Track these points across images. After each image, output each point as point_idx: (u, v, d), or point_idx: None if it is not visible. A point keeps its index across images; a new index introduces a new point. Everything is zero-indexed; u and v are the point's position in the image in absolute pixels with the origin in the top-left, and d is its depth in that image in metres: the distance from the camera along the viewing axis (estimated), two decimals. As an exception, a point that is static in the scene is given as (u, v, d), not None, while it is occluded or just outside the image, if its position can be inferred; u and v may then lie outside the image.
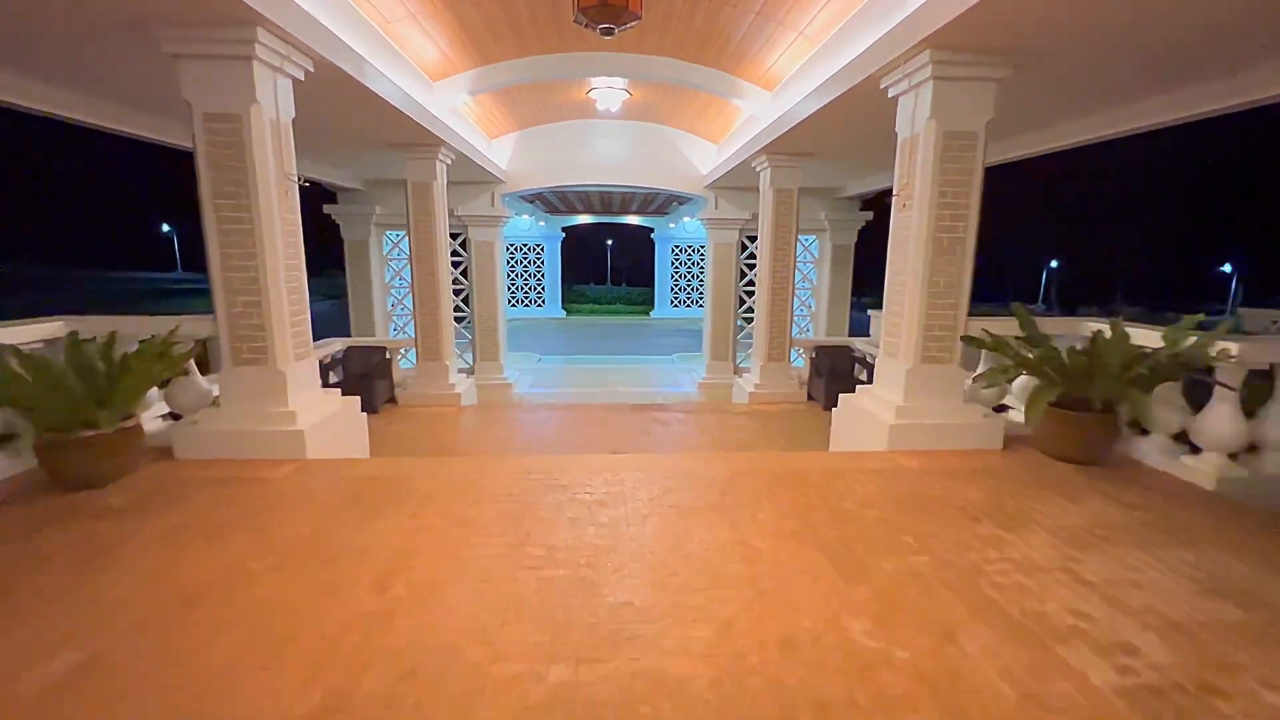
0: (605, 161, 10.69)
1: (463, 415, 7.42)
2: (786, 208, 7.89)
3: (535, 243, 23.80)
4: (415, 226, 7.65)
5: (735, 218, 10.99)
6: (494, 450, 6.02)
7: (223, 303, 4.06)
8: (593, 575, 2.61)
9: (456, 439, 6.48)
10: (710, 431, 6.63)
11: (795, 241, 7.94)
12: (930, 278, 4.30)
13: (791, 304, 8.06)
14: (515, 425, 7.04)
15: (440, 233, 7.75)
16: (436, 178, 7.55)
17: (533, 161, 10.68)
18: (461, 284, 11.09)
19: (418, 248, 7.70)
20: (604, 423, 6.96)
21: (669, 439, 6.33)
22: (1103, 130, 5.55)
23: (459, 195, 10.60)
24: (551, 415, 7.49)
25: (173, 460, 3.99)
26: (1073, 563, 2.73)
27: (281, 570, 2.63)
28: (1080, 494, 3.53)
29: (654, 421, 6.91)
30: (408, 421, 6.92)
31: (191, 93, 3.80)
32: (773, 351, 8.03)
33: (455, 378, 8.07)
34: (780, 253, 8.00)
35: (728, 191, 10.91)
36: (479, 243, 10.86)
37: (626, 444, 6.06)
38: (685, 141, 10.76)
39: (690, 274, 24.72)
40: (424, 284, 7.82)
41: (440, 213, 7.70)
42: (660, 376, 12.55)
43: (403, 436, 6.37)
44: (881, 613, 2.34)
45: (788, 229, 7.93)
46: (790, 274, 8.03)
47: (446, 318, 7.98)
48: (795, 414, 7.34)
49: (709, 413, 7.56)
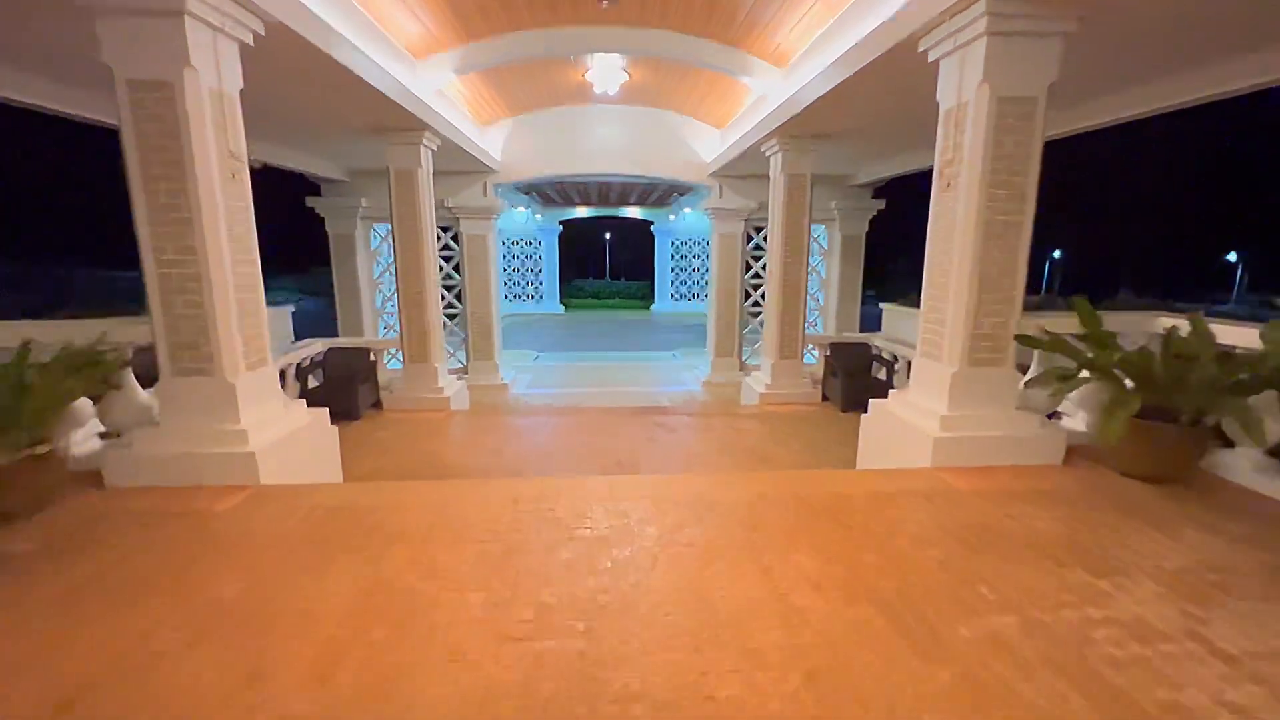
0: (603, 149, 10.09)
1: (451, 421, 6.86)
2: (799, 194, 7.30)
3: (532, 237, 23.21)
4: (399, 218, 7.07)
5: (741, 207, 10.39)
6: (482, 463, 5.46)
7: (158, 304, 3.47)
8: (593, 649, 2.05)
9: (443, 450, 5.91)
10: (720, 437, 6.08)
11: (809, 231, 7.37)
12: (980, 268, 3.73)
13: (805, 298, 7.50)
14: (507, 433, 6.47)
15: (426, 224, 7.17)
16: (421, 165, 6.96)
17: (527, 150, 10.08)
18: (453, 280, 10.52)
19: (402, 241, 7.13)
20: (603, 429, 6.40)
21: (676, 448, 5.77)
22: (1173, 99, 4.91)
23: (449, 186, 10.01)
24: (547, 421, 6.92)
25: (102, 489, 3.42)
26: (1197, 624, 2.17)
27: (196, 647, 2.07)
28: (1172, 523, 2.97)
29: (658, 427, 6.36)
30: (392, 428, 6.36)
31: (111, 55, 3.21)
32: (785, 349, 7.46)
33: (444, 380, 7.49)
34: (793, 243, 7.43)
35: (733, 180, 10.32)
36: (471, 236, 10.26)
37: (629, 454, 5.50)
38: (688, 128, 10.15)
39: (691, 268, 24.15)
40: (409, 280, 7.25)
41: (425, 203, 7.11)
42: (662, 374, 11.99)
43: (385, 445, 5.80)
44: (974, 707, 1.78)
45: (800, 217, 7.35)
46: (803, 266, 7.46)
47: (434, 316, 7.41)
48: (810, 417, 6.79)
49: (717, 416, 7.01)
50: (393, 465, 5.32)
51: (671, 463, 5.40)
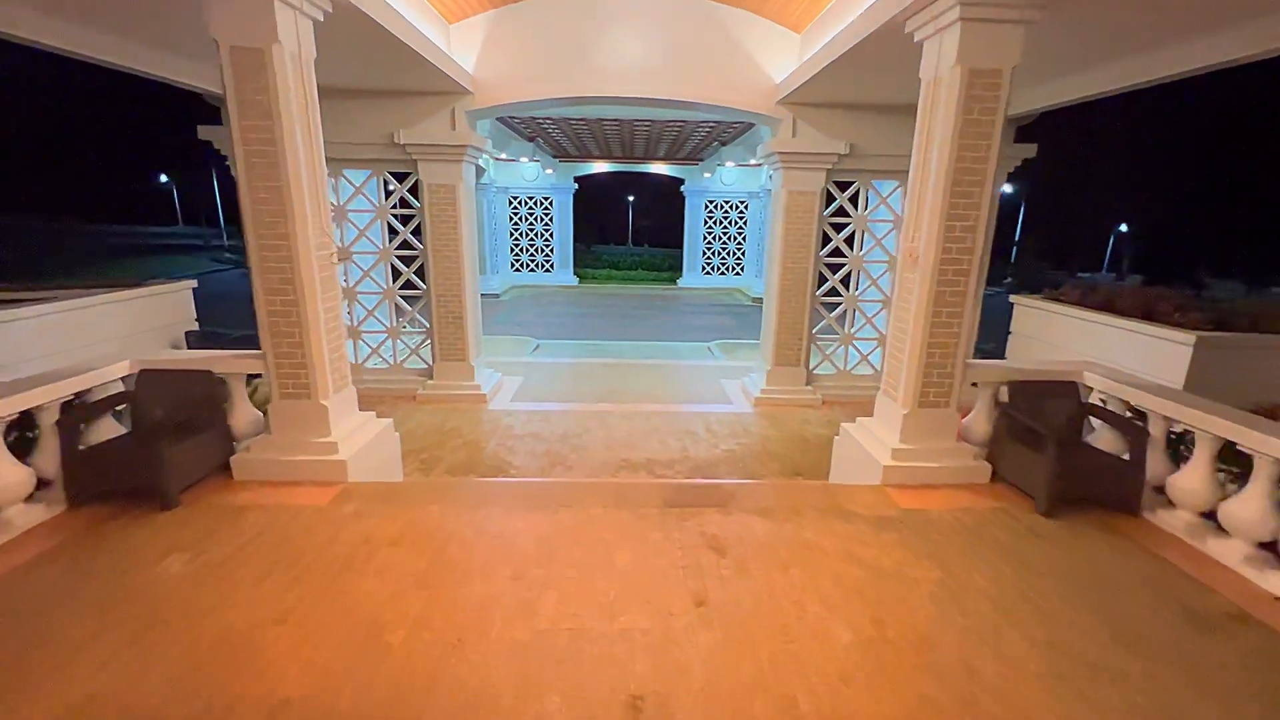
0: (626, 62, 6.91)
1: (336, 519, 3.70)
2: (986, 103, 3.77)
3: (542, 195, 20.01)
4: (241, 131, 3.72)
5: (824, 151, 7.16)
6: (350, 689, 2.52)
7: None
8: None
9: (271, 646, 2.84)
10: (832, 589, 2.97)
11: (995, 176, 4.03)
12: None
13: (979, 293, 4.28)
14: (411, 568, 3.25)
15: (290, 137, 3.78)
16: (279, 36, 3.73)
17: (513, 61, 6.93)
18: (414, 249, 7.54)
19: (248, 171, 3.78)
20: (601, 547, 3.31)
21: (741, 621, 2.75)
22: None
23: (397, 112, 6.95)
24: (499, 524, 3.64)
25: None
26: None
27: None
28: None
29: (705, 545, 3.35)
30: (205, 550, 3.32)
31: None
32: (932, 390, 4.32)
33: (344, 425, 4.28)
34: (962, 197, 3.93)
35: (815, 111, 7.07)
36: (434, 186, 7.23)
37: (656, 659, 2.54)
38: (750, 31, 6.89)
39: (727, 235, 20.74)
40: (264, 237, 3.86)
41: (286, 96, 3.84)
42: (696, 381, 8.98)
43: (154, 621, 2.83)
44: None
45: (985, 148, 3.85)
46: (981, 240, 4.05)
47: (322, 306, 4.08)
48: (987, 527, 3.62)
49: (816, 514, 3.76)
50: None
51: (740, 673, 2.43)
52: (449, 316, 7.60)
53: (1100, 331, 6.29)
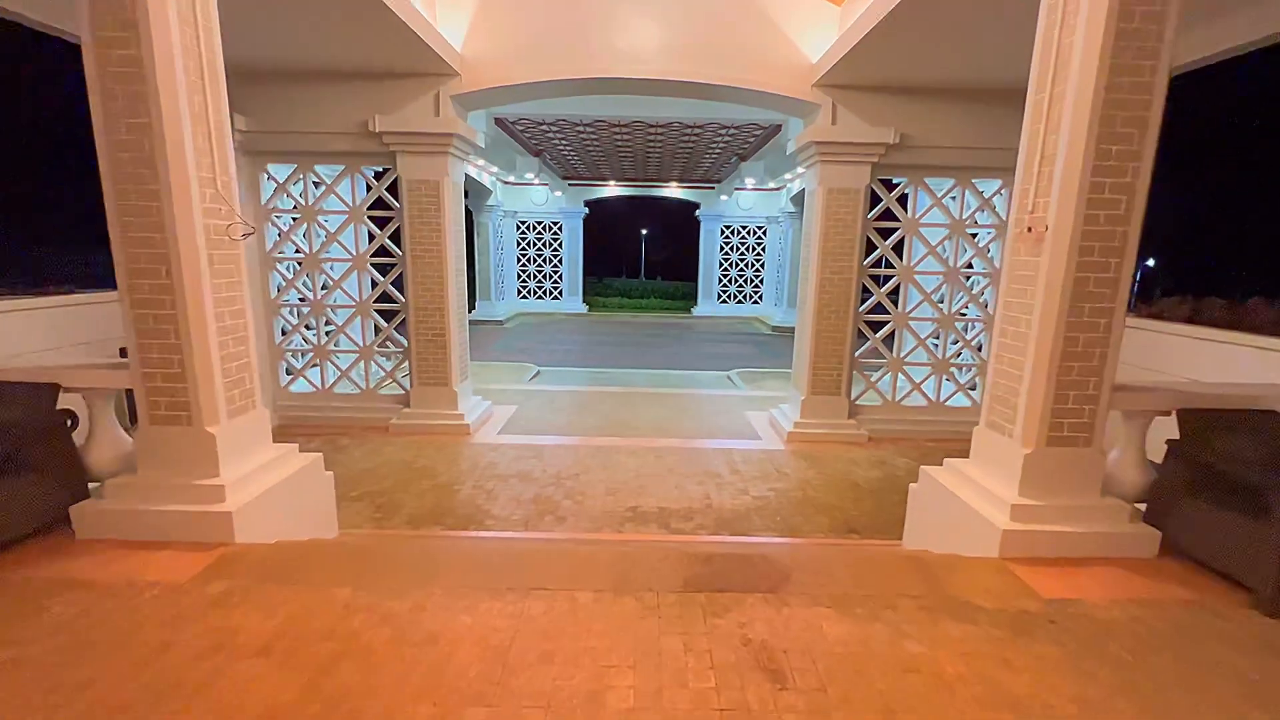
0: (637, 38, 5.95)
1: (189, 608, 2.43)
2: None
3: (551, 219, 19.21)
4: (89, 23, 2.56)
5: (868, 142, 6.08)
6: None
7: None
8: None
9: None
10: None
11: (1155, 135, 2.81)
12: None
13: (1125, 309, 3.03)
14: (270, 702, 2.00)
15: (164, 40, 2.59)
16: None
17: (507, 37, 6.01)
18: (393, 256, 6.51)
19: (102, 97, 2.61)
20: (586, 666, 2.06)
21: None
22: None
23: (373, 96, 6.01)
24: (435, 620, 2.27)
25: None
26: None
27: None
28: None
29: (753, 664, 2.07)
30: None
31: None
32: (1068, 422, 2.93)
33: (244, 462, 3.08)
34: (1118, 144, 2.67)
35: (859, 95, 6.03)
36: (415, 182, 6.23)
37: None
38: (780, 2, 5.92)
39: (744, 261, 19.72)
40: (126, 202, 2.68)
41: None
42: (716, 412, 7.75)
43: None
44: None
45: (1147, 70, 2.63)
46: (1139, 206, 2.76)
47: (201, 297, 2.82)
48: (1176, 636, 2.25)
49: (915, 606, 2.43)
50: None
51: None
52: (429, 334, 6.50)
53: (1229, 353, 5.05)
